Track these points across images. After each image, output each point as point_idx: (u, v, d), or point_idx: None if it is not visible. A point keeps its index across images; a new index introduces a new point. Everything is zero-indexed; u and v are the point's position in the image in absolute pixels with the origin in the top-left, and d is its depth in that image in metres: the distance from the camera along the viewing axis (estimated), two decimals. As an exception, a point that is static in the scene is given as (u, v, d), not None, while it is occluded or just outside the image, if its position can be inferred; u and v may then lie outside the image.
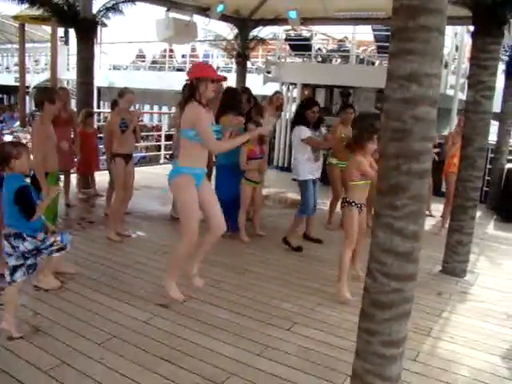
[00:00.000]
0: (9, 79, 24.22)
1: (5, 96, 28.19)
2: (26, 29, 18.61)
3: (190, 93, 4.07)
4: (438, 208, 7.91)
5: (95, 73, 8.79)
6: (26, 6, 8.89)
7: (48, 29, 19.13)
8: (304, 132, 5.72)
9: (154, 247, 5.74)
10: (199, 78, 4.00)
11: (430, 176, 2.66)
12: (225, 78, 4.52)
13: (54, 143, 4.94)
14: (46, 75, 20.67)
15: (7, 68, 26.01)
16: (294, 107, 12.10)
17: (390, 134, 2.51)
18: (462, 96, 9.40)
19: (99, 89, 21.48)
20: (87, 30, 8.05)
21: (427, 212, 7.88)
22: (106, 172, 6.98)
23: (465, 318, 4.40)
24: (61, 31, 20.81)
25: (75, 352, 3.39)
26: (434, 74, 2.42)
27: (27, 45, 19.98)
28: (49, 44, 18.94)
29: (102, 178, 8.03)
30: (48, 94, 4.84)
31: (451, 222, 5.41)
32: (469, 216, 5.26)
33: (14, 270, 3.53)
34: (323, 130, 6.22)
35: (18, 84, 19.17)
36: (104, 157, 7.96)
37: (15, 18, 17.01)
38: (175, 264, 4.28)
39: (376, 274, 2.63)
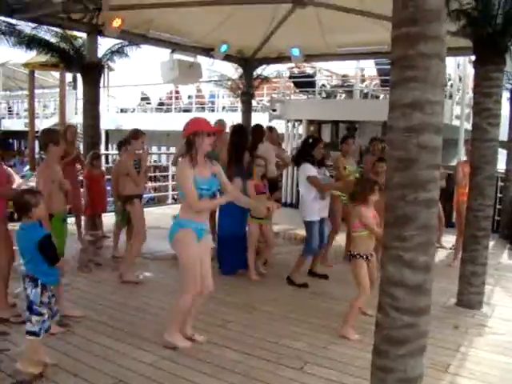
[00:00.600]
0: (19, 125, 24.64)
1: (15, 141, 28.61)
2: (35, 75, 19.06)
3: (186, 149, 4.00)
4: (450, 240, 7.76)
5: (103, 116, 8.90)
6: (35, 53, 9.11)
7: (57, 74, 19.60)
8: (309, 170, 5.64)
9: (161, 288, 5.65)
10: (195, 133, 3.94)
11: (438, 206, 2.60)
12: (220, 131, 4.45)
13: (59, 185, 4.92)
14: (55, 120, 21.04)
15: (17, 114, 26.52)
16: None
17: (395, 163, 2.47)
18: (468, 126, 9.38)
19: (107, 132, 21.80)
20: (93, 73, 8.19)
21: (437, 244, 7.73)
22: (111, 214, 6.96)
23: (484, 352, 4.22)
24: (69, 76, 21.31)
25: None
26: (437, 101, 2.40)
27: (37, 91, 20.42)
28: (58, 89, 19.38)
29: (107, 219, 8.04)
30: (52, 135, 4.82)
31: (464, 253, 5.28)
32: (482, 246, 5.15)
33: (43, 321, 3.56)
34: (326, 170, 6.15)
35: (27, 129, 19.51)
36: (111, 198, 7.97)
37: (25, 65, 17.47)
38: (177, 317, 4.10)
39: (387, 308, 2.54)
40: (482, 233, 5.12)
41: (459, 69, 10.93)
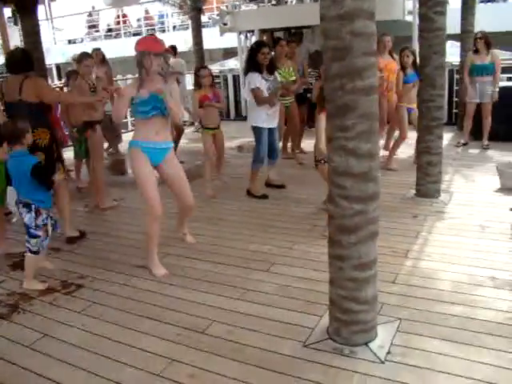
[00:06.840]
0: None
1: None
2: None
3: (138, 70, 3.87)
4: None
5: (51, 50, 8.45)
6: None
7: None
8: (254, 80, 5.52)
9: (129, 212, 5.67)
10: (142, 53, 3.80)
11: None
12: (167, 50, 4.38)
13: None
14: (1, 59, 20.01)
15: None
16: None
17: (331, 53, 2.45)
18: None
19: (58, 66, 20.88)
20: (27, 5, 7.66)
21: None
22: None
23: (441, 235, 4.43)
24: (8, 11, 20.00)
25: (56, 323, 3.37)
26: (367, -16, 2.34)
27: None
28: (-3, 26, 18.27)
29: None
30: None
31: (419, 145, 5.39)
32: (435, 136, 5.24)
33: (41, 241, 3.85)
34: (277, 75, 6.01)
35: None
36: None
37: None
38: (148, 241, 4.08)
39: (337, 198, 2.62)
40: (435, 123, 5.20)
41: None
